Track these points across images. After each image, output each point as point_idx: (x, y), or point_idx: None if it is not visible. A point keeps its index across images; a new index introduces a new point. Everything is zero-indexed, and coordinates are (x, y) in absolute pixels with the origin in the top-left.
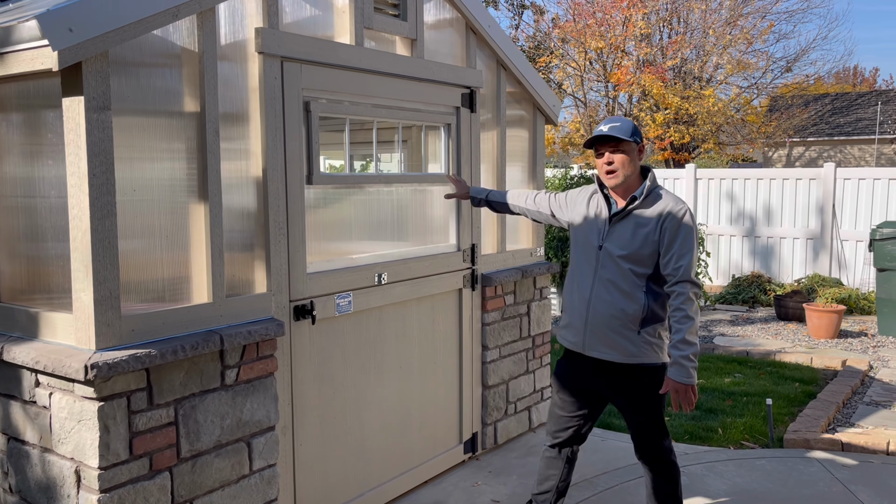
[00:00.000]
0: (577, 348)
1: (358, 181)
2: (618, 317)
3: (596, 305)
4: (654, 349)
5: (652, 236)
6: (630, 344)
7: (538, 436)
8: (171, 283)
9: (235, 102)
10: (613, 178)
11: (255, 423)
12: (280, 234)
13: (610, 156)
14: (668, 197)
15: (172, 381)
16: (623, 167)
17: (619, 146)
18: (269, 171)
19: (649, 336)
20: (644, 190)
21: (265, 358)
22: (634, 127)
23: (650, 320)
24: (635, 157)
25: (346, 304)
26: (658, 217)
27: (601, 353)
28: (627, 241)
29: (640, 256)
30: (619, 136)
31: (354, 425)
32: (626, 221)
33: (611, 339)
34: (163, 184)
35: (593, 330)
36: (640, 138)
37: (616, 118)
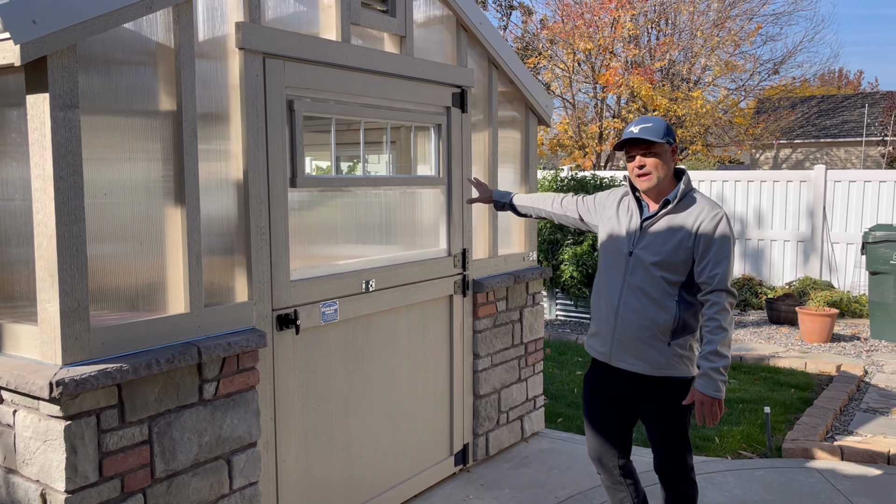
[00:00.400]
0: (604, 358)
1: (344, 184)
2: (647, 326)
3: (624, 314)
4: (685, 362)
5: (686, 242)
6: (659, 355)
7: (531, 446)
8: (146, 292)
9: (215, 101)
10: (646, 181)
11: (235, 439)
12: (262, 240)
13: (642, 159)
14: (703, 201)
15: (146, 397)
16: (656, 170)
17: (651, 148)
18: (250, 173)
19: (680, 348)
20: (678, 193)
21: (246, 370)
22: (667, 126)
23: (681, 331)
24: (669, 158)
25: (332, 312)
26: (693, 222)
27: (628, 364)
28: (659, 247)
29: (672, 263)
30: (650, 138)
31: (341, 439)
32: (658, 226)
33: (639, 349)
34: (137, 187)
35: (621, 339)
36: (673, 138)
37: (647, 118)
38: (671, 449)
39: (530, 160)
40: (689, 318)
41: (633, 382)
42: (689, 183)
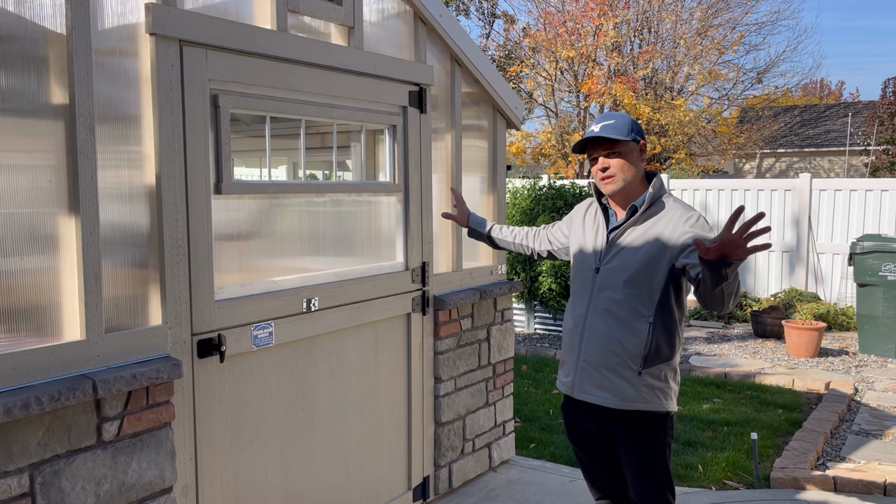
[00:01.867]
0: (566, 390)
1: (281, 190)
2: (614, 352)
3: (589, 339)
4: (658, 394)
5: (660, 255)
6: (628, 385)
7: (500, 476)
8: (30, 316)
9: (120, 94)
10: (611, 185)
11: (143, 485)
12: (179, 255)
13: (605, 160)
14: (676, 205)
15: (26, 442)
16: (621, 171)
17: (615, 148)
18: (163, 177)
19: (652, 378)
20: (646, 198)
21: (158, 405)
22: (633, 122)
23: (655, 358)
24: (636, 158)
25: (266, 335)
26: (666, 231)
27: (592, 396)
28: (627, 262)
29: (643, 279)
30: (613, 136)
31: (278, 478)
32: (626, 236)
33: (605, 379)
34: (18, 193)
35: (586, 368)
36: (641, 135)
37: (610, 114)
38: (647, 488)
39: (498, 166)
40: (664, 344)
41: (599, 416)
42: (660, 187)
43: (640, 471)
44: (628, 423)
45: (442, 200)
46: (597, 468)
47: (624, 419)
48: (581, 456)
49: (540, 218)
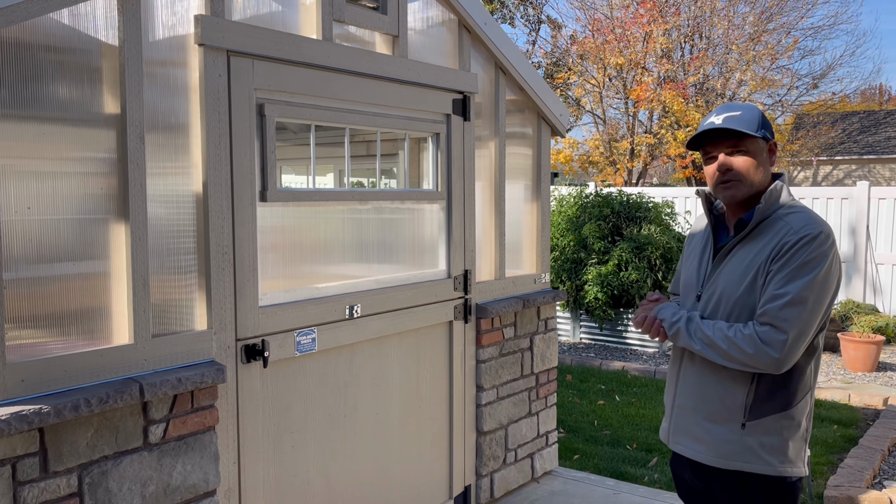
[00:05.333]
0: (664, 437)
1: (325, 198)
2: (712, 397)
3: (685, 379)
4: (768, 452)
5: (760, 277)
6: (726, 440)
7: (542, 487)
8: (81, 320)
9: (171, 103)
10: (732, 189)
11: (188, 488)
12: (224, 261)
13: (726, 159)
14: (796, 217)
15: (76, 443)
16: (747, 174)
17: (741, 144)
18: (210, 185)
19: (760, 432)
20: (756, 212)
21: (203, 409)
22: (762, 116)
23: (763, 408)
24: (765, 160)
25: (310, 341)
26: (773, 247)
27: (686, 449)
28: (729, 286)
29: (746, 308)
30: (740, 129)
31: (320, 484)
32: (731, 257)
33: (700, 428)
34: (71, 200)
35: (680, 413)
36: (772, 132)
37: (733, 105)
38: None
39: (542, 174)
40: (777, 389)
41: (699, 471)
42: (777, 195)
43: None
44: (731, 484)
45: (484, 209)
46: None
47: (726, 479)
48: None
49: (586, 226)
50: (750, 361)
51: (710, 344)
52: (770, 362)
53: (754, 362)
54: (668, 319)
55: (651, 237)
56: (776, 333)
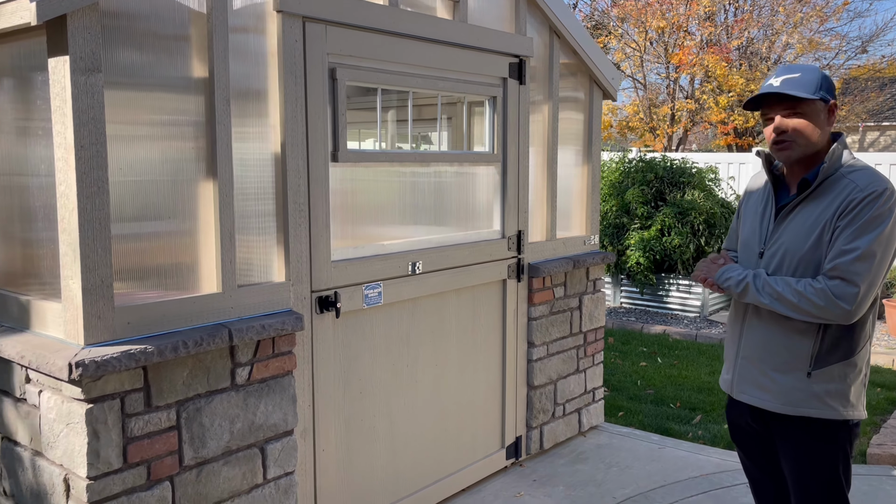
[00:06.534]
0: (727, 388)
1: (390, 159)
2: (778, 348)
3: (749, 332)
4: (832, 399)
5: (826, 234)
6: (793, 387)
7: (589, 440)
8: (175, 270)
9: (250, 68)
10: (787, 151)
11: (269, 426)
12: (300, 217)
13: (782, 121)
14: (860, 175)
15: (174, 381)
16: (802, 136)
17: (798, 107)
18: (288, 146)
19: (826, 380)
20: (820, 171)
21: (282, 355)
22: (823, 77)
23: (828, 357)
24: (823, 121)
25: (376, 295)
26: (839, 204)
27: (752, 398)
28: (794, 244)
29: (812, 264)
30: (796, 93)
31: (384, 429)
32: (795, 215)
33: (766, 378)
34: (165, 160)
35: (745, 365)
36: (832, 93)
37: (793, 66)
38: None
39: (593, 137)
40: (842, 339)
41: (759, 416)
42: (839, 154)
43: (802, 486)
44: (793, 428)
45: (537, 171)
46: (759, 474)
47: (789, 423)
48: (743, 461)
49: (629, 192)
50: (821, 313)
51: (779, 298)
52: (841, 314)
53: (825, 314)
54: (734, 278)
55: (694, 202)
56: (847, 287)
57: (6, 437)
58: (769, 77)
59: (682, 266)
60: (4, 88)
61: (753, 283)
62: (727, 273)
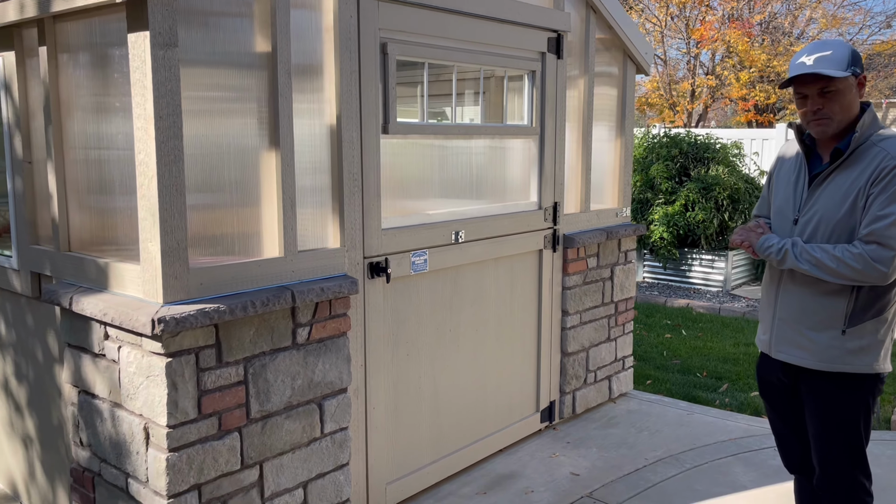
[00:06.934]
0: (764, 348)
1: (436, 131)
2: (813, 310)
3: (785, 294)
4: (864, 353)
5: (860, 200)
6: (829, 345)
7: (619, 406)
8: (241, 236)
9: (308, 43)
10: (823, 127)
11: (326, 384)
12: (354, 187)
13: (819, 100)
14: (891, 142)
15: (242, 339)
16: (838, 112)
17: (832, 85)
18: (343, 118)
19: (858, 337)
20: (852, 141)
21: (338, 317)
22: (852, 52)
23: (861, 315)
24: (854, 95)
25: (422, 262)
26: (869, 172)
27: (789, 356)
28: (828, 211)
29: (844, 230)
30: (830, 73)
31: (428, 389)
32: (828, 183)
33: (803, 337)
34: (230, 132)
35: (782, 326)
36: (861, 66)
37: (824, 42)
38: (835, 462)
39: (627, 112)
40: (874, 298)
41: (791, 374)
42: (869, 125)
43: (823, 435)
44: (823, 381)
45: (572, 145)
46: (785, 430)
47: (819, 377)
48: (771, 417)
49: (653, 167)
50: (859, 277)
51: (817, 264)
52: (879, 276)
53: (864, 277)
54: (775, 246)
55: (719, 178)
56: (883, 251)
57: (84, 390)
58: (800, 54)
59: (705, 241)
60: (81, 64)
61: (792, 250)
62: (768, 241)
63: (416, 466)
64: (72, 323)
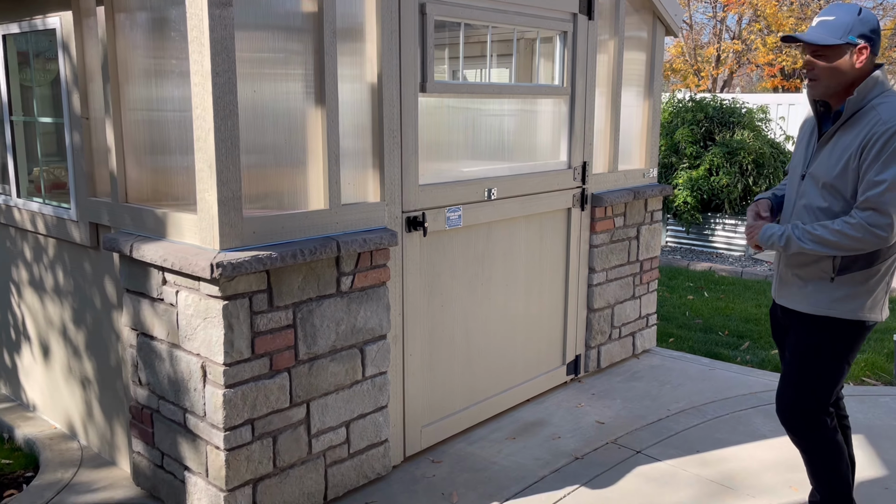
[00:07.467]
0: (774, 294)
1: (471, 90)
2: (806, 262)
3: None
4: (849, 300)
5: (853, 162)
6: (820, 292)
7: (642, 362)
8: (289, 190)
9: (351, 6)
10: (812, 88)
11: (367, 330)
12: (394, 144)
13: (809, 60)
14: (885, 107)
15: (291, 285)
16: (825, 77)
17: (821, 50)
18: (383, 77)
19: (844, 286)
20: (848, 103)
21: (379, 267)
22: (856, 20)
23: (850, 266)
24: (849, 62)
25: (457, 217)
26: (862, 136)
27: (788, 301)
28: (826, 169)
29: (839, 186)
30: (816, 41)
31: (461, 339)
32: (831, 143)
33: (798, 285)
34: (280, 90)
35: (784, 273)
36: (866, 35)
37: (833, 7)
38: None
39: (655, 73)
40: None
41: (786, 314)
42: (869, 87)
43: (792, 363)
44: (815, 325)
45: (601, 105)
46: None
47: (810, 321)
48: (782, 360)
49: (678, 131)
50: (861, 245)
51: (820, 241)
52: (880, 241)
53: (865, 245)
54: (776, 234)
55: (744, 142)
56: (880, 217)
57: (142, 333)
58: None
59: (729, 206)
60: (138, 24)
61: (793, 233)
62: (768, 231)
63: (450, 412)
64: (131, 269)
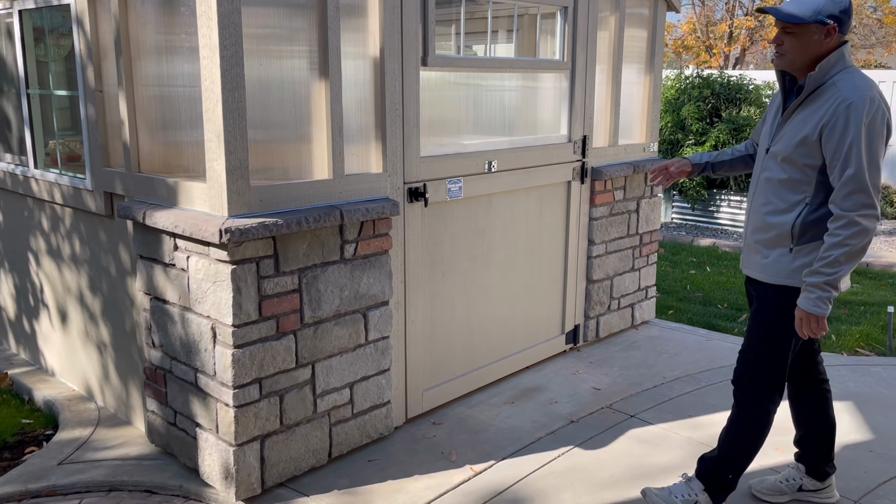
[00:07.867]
0: (742, 264)
1: (472, 64)
2: (768, 228)
3: (752, 216)
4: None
5: (811, 137)
6: (779, 262)
7: (640, 332)
8: (294, 160)
9: None
10: (778, 60)
11: (370, 296)
12: (395, 116)
13: (780, 35)
14: (844, 83)
15: (296, 251)
16: (791, 52)
17: (789, 27)
18: (385, 51)
19: (803, 255)
20: (809, 79)
21: (381, 236)
22: (828, 2)
23: (807, 235)
24: (816, 41)
25: (457, 189)
26: (820, 114)
27: (750, 270)
28: (788, 141)
29: (799, 160)
30: (787, 19)
31: (462, 307)
32: (793, 118)
33: (760, 255)
34: (286, 64)
35: (748, 243)
36: (836, 16)
37: None
38: (743, 359)
39: (656, 48)
40: (815, 220)
41: (752, 285)
42: (832, 64)
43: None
44: (775, 294)
45: (601, 79)
46: None
47: (772, 291)
48: None
49: (685, 108)
50: (864, 232)
51: (837, 262)
52: (874, 214)
53: (866, 228)
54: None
55: (750, 118)
56: (861, 196)
57: (155, 297)
58: None
59: (734, 182)
60: (149, 0)
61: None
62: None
63: (450, 377)
64: (143, 236)
